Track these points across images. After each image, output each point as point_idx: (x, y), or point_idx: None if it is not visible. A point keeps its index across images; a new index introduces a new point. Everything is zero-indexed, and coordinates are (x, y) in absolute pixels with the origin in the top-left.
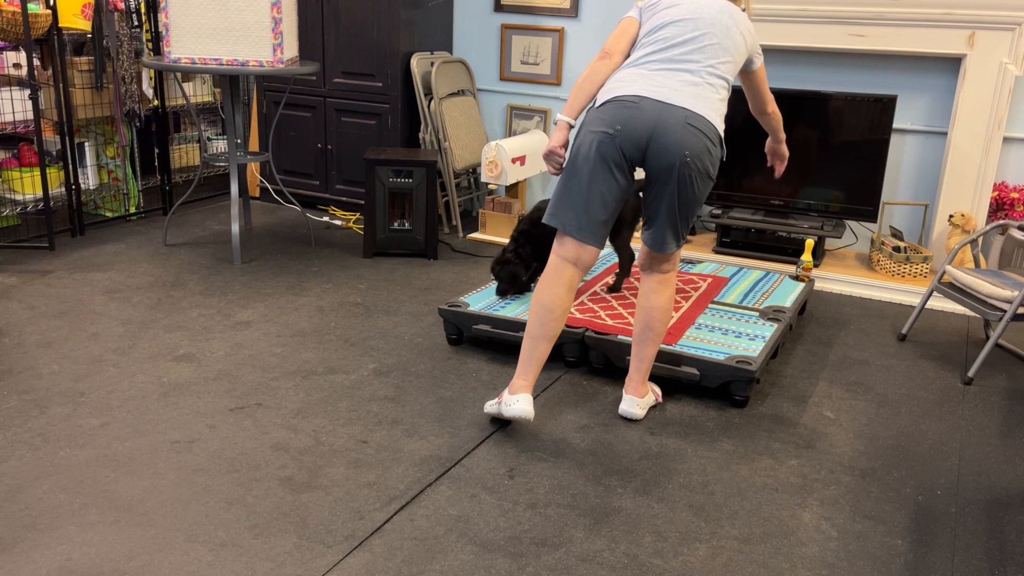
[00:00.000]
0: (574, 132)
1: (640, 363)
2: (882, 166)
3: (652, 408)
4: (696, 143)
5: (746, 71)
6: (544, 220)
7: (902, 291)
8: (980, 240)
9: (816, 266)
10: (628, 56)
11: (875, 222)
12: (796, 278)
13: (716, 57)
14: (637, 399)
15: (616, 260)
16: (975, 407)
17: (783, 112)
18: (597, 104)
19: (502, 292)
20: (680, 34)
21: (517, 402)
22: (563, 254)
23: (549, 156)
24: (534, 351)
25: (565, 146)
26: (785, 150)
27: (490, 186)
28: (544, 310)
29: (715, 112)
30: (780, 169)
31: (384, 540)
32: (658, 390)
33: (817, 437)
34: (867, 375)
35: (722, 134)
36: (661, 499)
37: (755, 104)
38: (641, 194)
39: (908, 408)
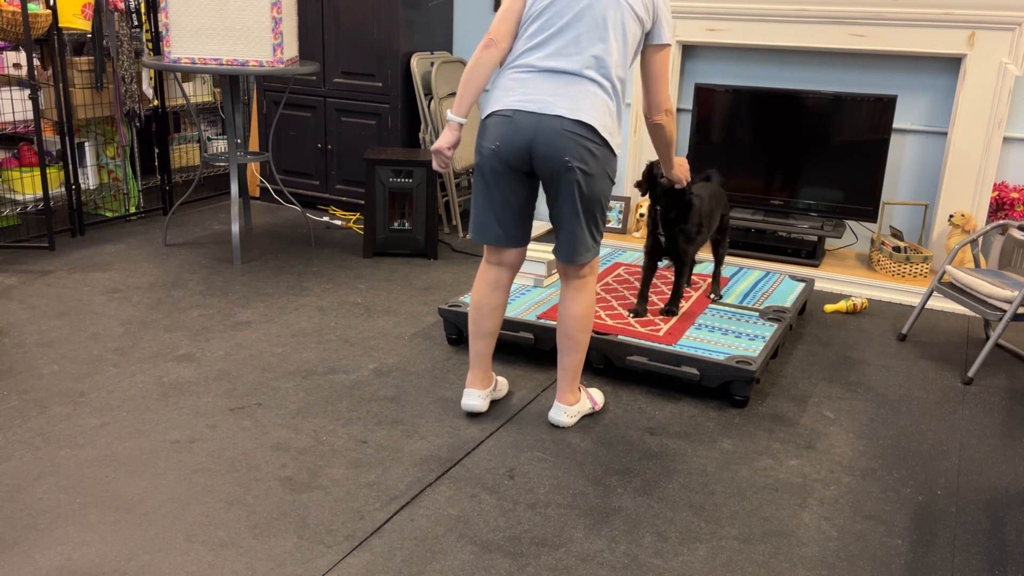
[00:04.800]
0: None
1: (564, 372)
2: (882, 166)
3: (587, 416)
4: (575, 148)
5: (646, 44)
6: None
7: (902, 291)
8: (980, 240)
9: (816, 266)
10: (516, 36)
11: (875, 222)
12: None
13: (595, 45)
14: (564, 407)
15: (615, 261)
16: (975, 407)
17: (783, 111)
18: (484, 115)
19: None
20: (555, 21)
21: (465, 397)
22: (486, 257)
23: (436, 154)
24: (474, 348)
25: (454, 146)
26: (679, 174)
27: None
28: (473, 309)
29: (597, 110)
30: (679, 184)
31: (384, 540)
32: (597, 399)
33: (817, 437)
34: (867, 375)
35: (613, 131)
36: (661, 499)
37: (645, 100)
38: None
39: (908, 408)
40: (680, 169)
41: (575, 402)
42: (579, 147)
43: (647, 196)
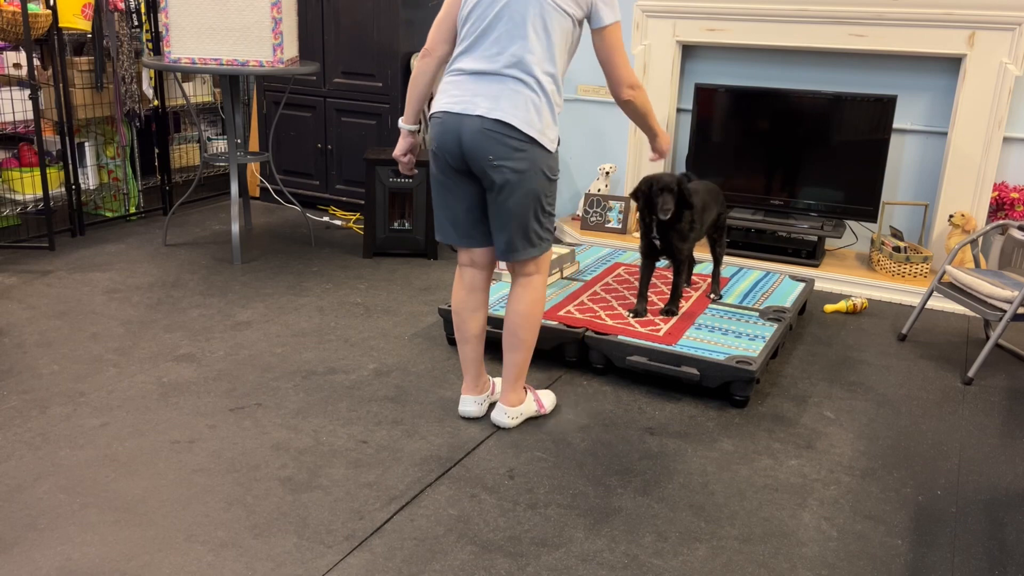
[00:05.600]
0: None
1: (507, 370)
2: (882, 166)
3: (534, 418)
4: (497, 147)
5: (591, 29)
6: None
7: (902, 291)
8: (980, 240)
9: (816, 266)
10: (455, 41)
11: (875, 222)
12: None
13: (514, 43)
14: (506, 407)
15: (615, 261)
16: (975, 407)
17: (783, 111)
18: (428, 117)
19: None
20: (479, 25)
21: (461, 404)
22: (459, 259)
23: (397, 160)
24: (462, 353)
25: (409, 152)
26: (661, 144)
27: None
28: (454, 314)
29: (519, 108)
30: (655, 156)
31: (384, 540)
32: (546, 402)
33: (817, 437)
34: (867, 375)
35: (543, 127)
36: (661, 499)
37: (607, 81)
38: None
39: (908, 408)
40: (665, 139)
41: (518, 403)
42: (502, 146)
43: (640, 207)
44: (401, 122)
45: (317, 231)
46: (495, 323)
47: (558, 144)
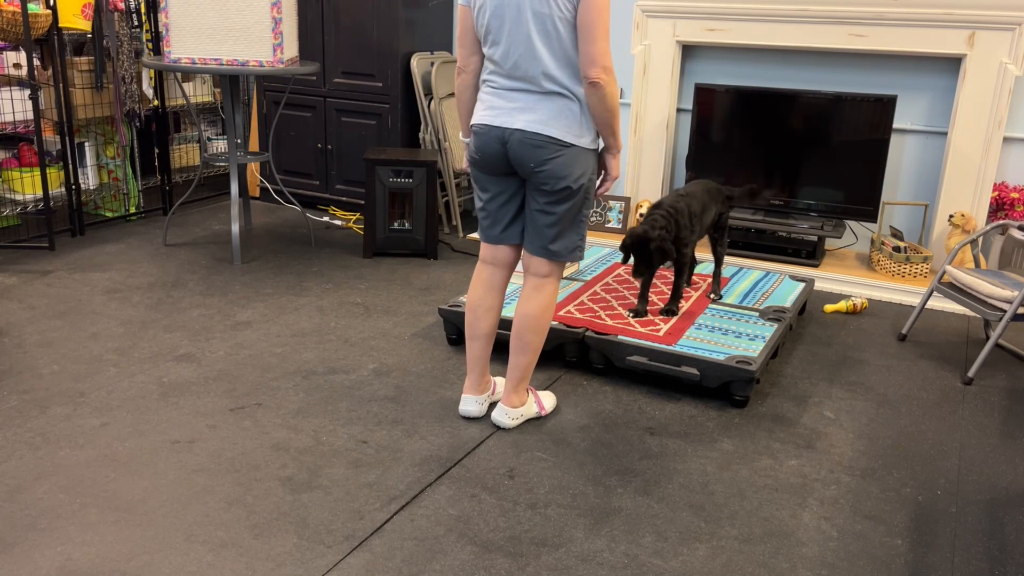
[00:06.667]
0: None
1: (511, 372)
2: (882, 166)
3: (536, 419)
4: (539, 154)
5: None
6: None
7: (902, 291)
8: (980, 240)
9: (816, 266)
10: (481, 50)
11: (875, 222)
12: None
13: (532, 64)
14: (507, 408)
15: (615, 261)
16: (975, 407)
17: (783, 111)
18: (471, 124)
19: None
20: (496, 47)
21: (462, 403)
22: (481, 255)
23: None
24: (470, 351)
25: None
26: (612, 170)
27: None
28: (468, 311)
29: (555, 118)
30: (603, 188)
31: (384, 540)
32: (547, 403)
33: (817, 437)
34: (867, 375)
35: (580, 131)
36: (661, 499)
37: (580, 58)
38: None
39: (908, 408)
40: (616, 168)
41: (520, 404)
42: (541, 153)
43: (629, 255)
44: (461, 137)
45: (317, 231)
46: (504, 324)
47: (599, 144)
